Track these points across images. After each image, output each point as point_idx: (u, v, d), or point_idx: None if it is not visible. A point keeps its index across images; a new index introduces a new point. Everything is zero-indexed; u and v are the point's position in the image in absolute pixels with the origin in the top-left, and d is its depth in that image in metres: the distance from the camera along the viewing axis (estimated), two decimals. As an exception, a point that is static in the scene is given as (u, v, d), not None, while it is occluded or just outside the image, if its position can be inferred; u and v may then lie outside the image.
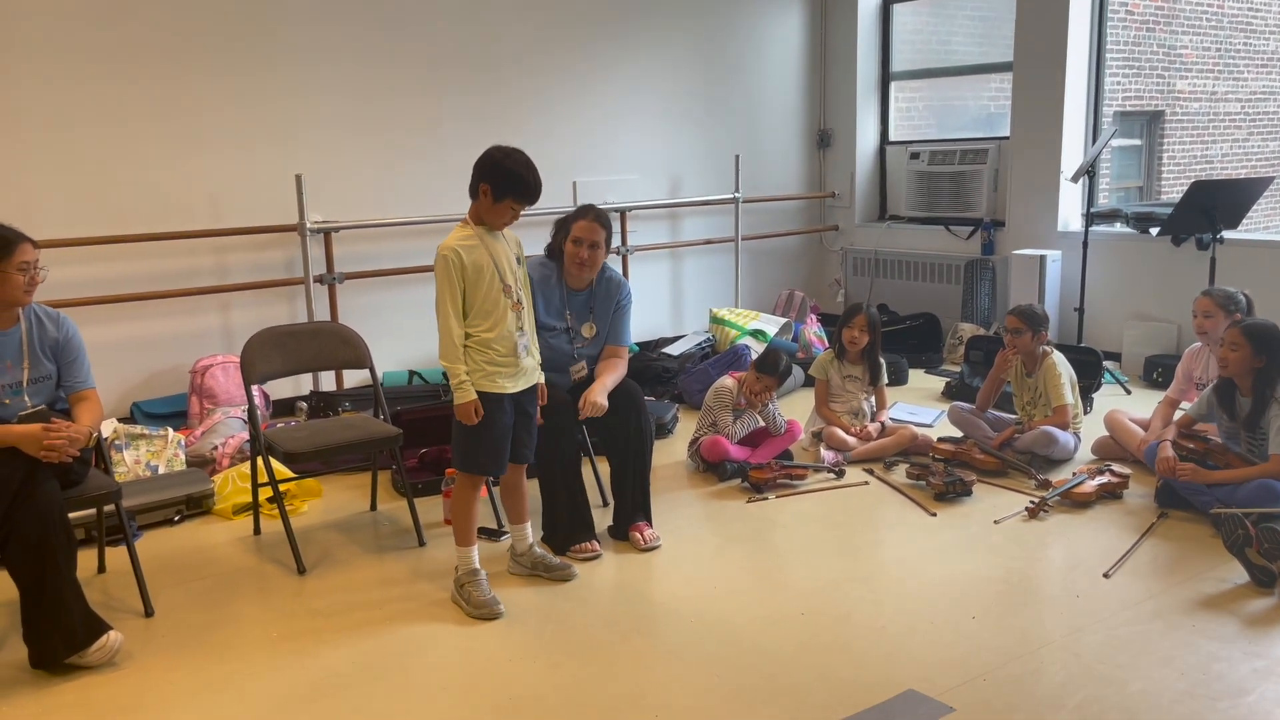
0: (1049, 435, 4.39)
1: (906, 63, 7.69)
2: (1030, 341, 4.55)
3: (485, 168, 3.13)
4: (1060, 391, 4.48)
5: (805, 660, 2.90)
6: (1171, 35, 10.91)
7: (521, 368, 3.26)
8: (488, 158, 3.14)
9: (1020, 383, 4.67)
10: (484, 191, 3.12)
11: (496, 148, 3.16)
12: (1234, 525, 3.32)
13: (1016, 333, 4.56)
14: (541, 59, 6.20)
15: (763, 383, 4.51)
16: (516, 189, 3.12)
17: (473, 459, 3.26)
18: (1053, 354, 4.59)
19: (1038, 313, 4.59)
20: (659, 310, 6.94)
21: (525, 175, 3.11)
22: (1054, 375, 4.51)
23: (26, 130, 4.71)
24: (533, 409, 3.38)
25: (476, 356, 3.17)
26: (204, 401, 4.97)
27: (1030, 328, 4.54)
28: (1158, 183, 11.07)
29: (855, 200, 7.64)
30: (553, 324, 3.79)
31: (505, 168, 3.10)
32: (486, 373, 3.18)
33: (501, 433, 3.24)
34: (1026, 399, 4.64)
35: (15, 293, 3.00)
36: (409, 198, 5.75)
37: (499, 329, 3.17)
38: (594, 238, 3.70)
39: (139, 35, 4.92)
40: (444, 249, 3.13)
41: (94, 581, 3.52)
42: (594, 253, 3.72)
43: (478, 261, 3.13)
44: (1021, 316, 4.57)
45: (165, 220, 5.07)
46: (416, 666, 2.93)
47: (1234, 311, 4.35)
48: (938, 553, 3.62)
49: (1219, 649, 2.89)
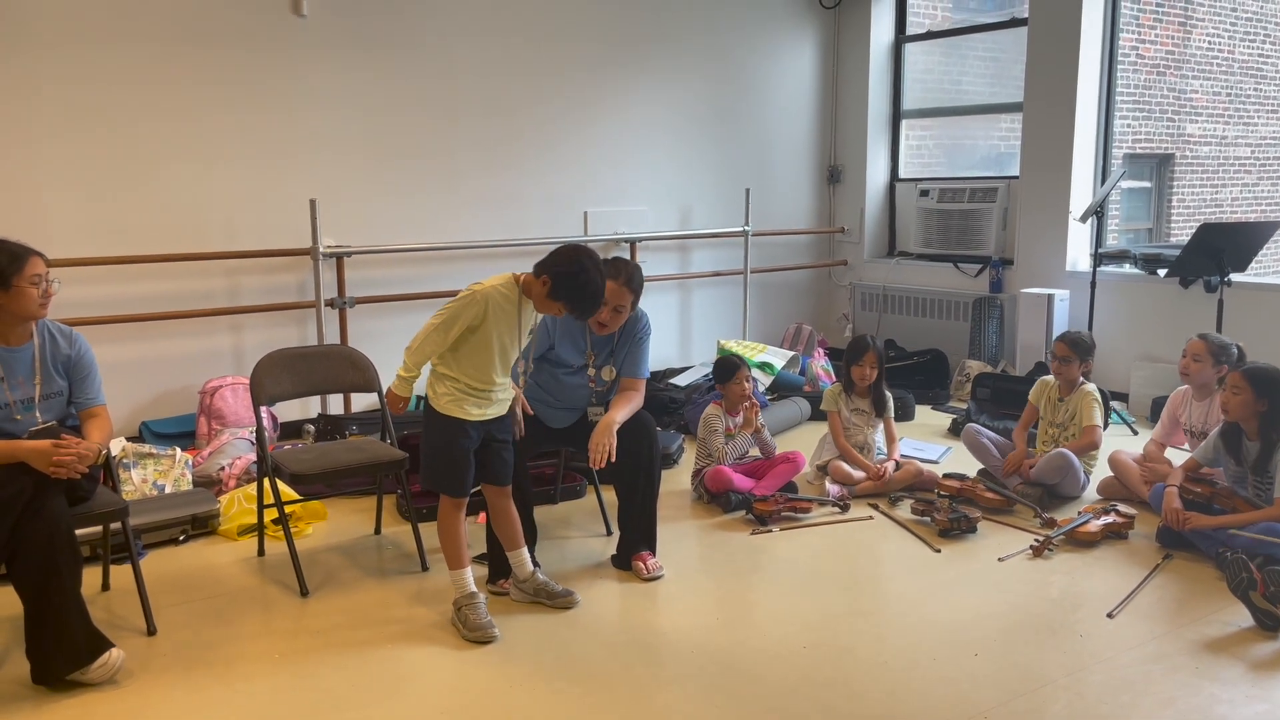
0: (1064, 458, 4.39)
1: (917, 101, 7.75)
2: (1075, 370, 4.59)
3: (560, 269, 3.07)
4: (1093, 412, 4.52)
5: (806, 694, 2.89)
6: (1182, 80, 10.99)
7: (493, 400, 3.28)
8: (569, 262, 3.07)
9: (1053, 407, 4.68)
10: (544, 282, 3.10)
11: (580, 251, 3.10)
12: (1239, 568, 3.31)
13: (1065, 360, 4.59)
14: (555, 89, 6.26)
15: (737, 380, 4.55)
16: (574, 302, 3.11)
17: (434, 478, 3.30)
18: (1090, 382, 4.64)
19: (1085, 341, 4.63)
20: (667, 341, 6.96)
21: (588, 298, 3.10)
22: (1089, 399, 4.56)
23: (44, 151, 4.77)
24: (505, 435, 3.38)
25: (450, 384, 3.20)
26: (212, 422, 4.99)
27: (1079, 355, 4.58)
28: (1167, 225, 11.10)
29: (864, 236, 7.68)
30: (572, 361, 3.75)
31: (577, 283, 3.07)
32: (456, 398, 3.20)
33: (460, 455, 3.25)
34: (1058, 422, 4.65)
35: (30, 306, 3.03)
36: (420, 224, 5.80)
37: (481, 378, 3.20)
38: (620, 301, 3.60)
39: (157, 59, 4.99)
40: (481, 291, 3.12)
41: (98, 599, 3.53)
42: (616, 316, 3.64)
43: (499, 325, 3.15)
44: (1071, 345, 4.60)
45: (179, 242, 5.13)
46: (416, 690, 2.92)
47: (1223, 362, 4.36)
48: (941, 589, 3.62)
49: (1221, 691, 2.88)
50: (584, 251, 3.12)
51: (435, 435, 3.26)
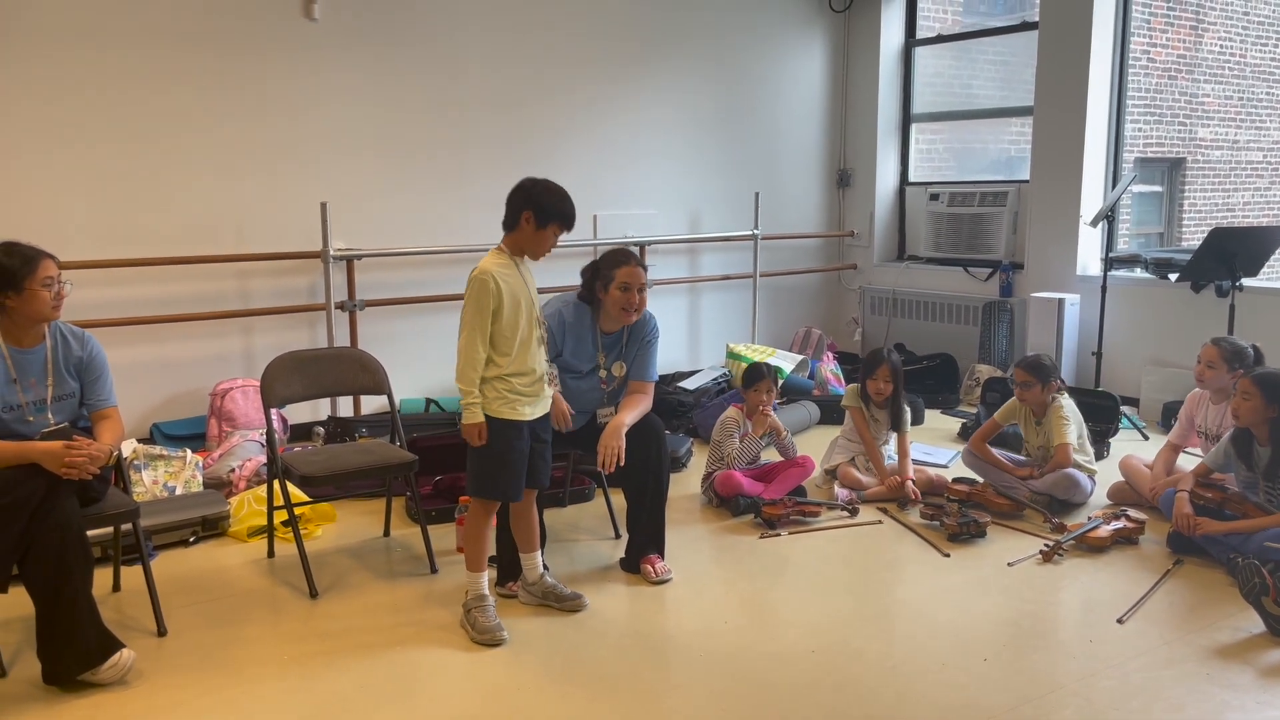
0: (1070, 478, 4.37)
1: (927, 105, 7.74)
2: (1040, 393, 4.54)
3: (526, 197, 3.17)
4: (1062, 430, 4.47)
5: (815, 698, 2.88)
6: (1194, 83, 10.95)
7: (542, 395, 3.29)
8: (528, 188, 3.18)
9: (1030, 429, 4.66)
10: (526, 219, 3.15)
11: (530, 179, 3.21)
12: (1251, 573, 3.30)
13: (1025, 386, 4.54)
14: (564, 93, 6.28)
15: (760, 388, 4.54)
16: (560, 215, 3.18)
17: (491, 485, 3.26)
18: (1061, 398, 4.57)
19: (1045, 364, 4.56)
20: (676, 344, 6.96)
21: (567, 201, 3.19)
22: (1058, 417, 4.50)
23: (56, 154, 4.80)
24: (546, 435, 3.39)
25: (499, 386, 3.18)
26: (223, 424, 5.01)
27: (1039, 379, 4.52)
28: (1178, 229, 11.06)
29: (874, 240, 7.67)
30: (581, 367, 3.76)
31: (548, 196, 3.16)
32: (508, 400, 3.19)
33: (520, 459, 3.26)
34: (1038, 444, 4.63)
35: (43, 308, 3.05)
36: (430, 227, 5.82)
37: (522, 360, 3.19)
38: (641, 281, 3.66)
39: (168, 63, 5.01)
40: (481, 273, 3.13)
41: (109, 600, 3.55)
42: (643, 296, 3.69)
43: (514, 290, 3.16)
44: (1029, 369, 4.54)
45: (191, 245, 5.15)
46: (424, 693, 2.93)
47: (1237, 367, 4.32)
48: (950, 593, 3.61)
49: (1232, 698, 2.87)
50: (527, 179, 3.21)
51: (491, 440, 3.21)
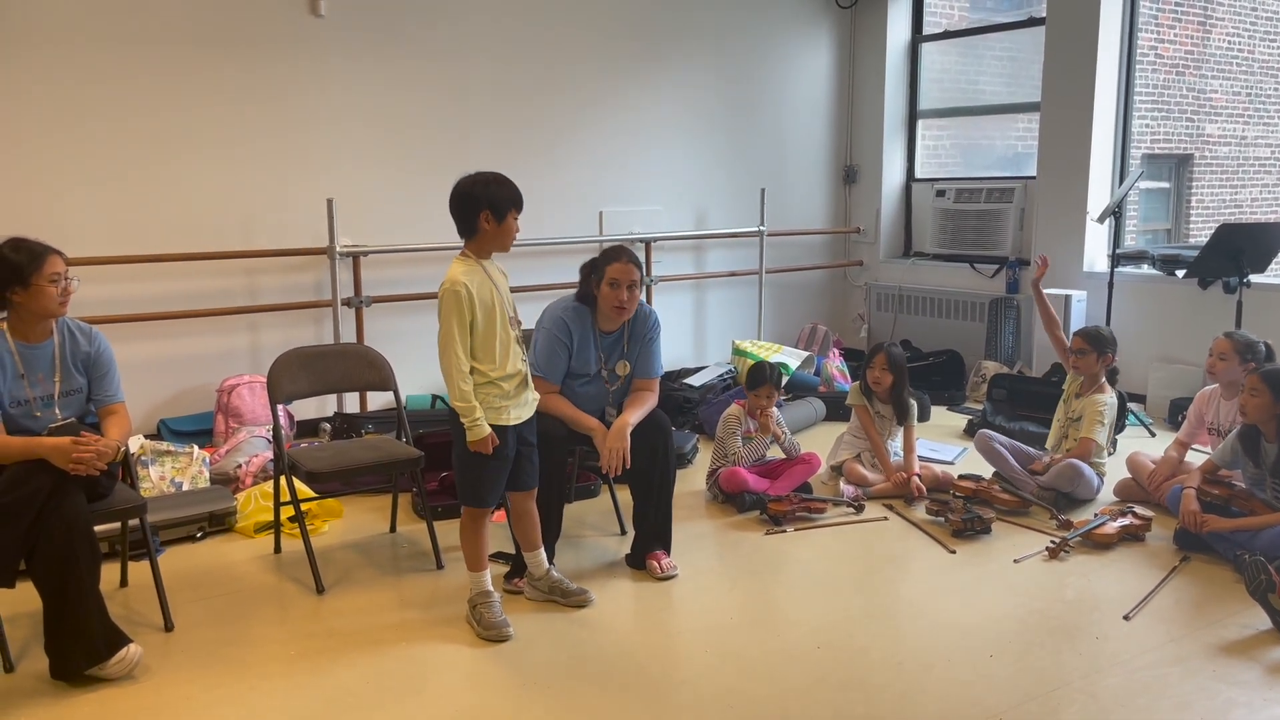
0: (1075, 469, 4.36)
1: (934, 101, 7.72)
2: (1095, 364, 4.52)
3: (475, 199, 3.12)
4: (1092, 424, 4.46)
5: (820, 695, 2.89)
6: (1201, 79, 10.91)
7: (526, 399, 3.29)
8: (471, 190, 3.12)
9: (1068, 401, 4.64)
10: (485, 220, 3.13)
11: (465, 181, 3.16)
12: (1257, 570, 3.29)
13: (1081, 353, 4.53)
14: (570, 90, 6.27)
15: (761, 393, 4.53)
16: (513, 200, 3.17)
17: (474, 492, 3.27)
18: (1109, 396, 4.54)
19: (1103, 335, 4.56)
20: (682, 341, 6.96)
21: (510, 184, 3.17)
22: (1094, 409, 4.49)
23: (64, 151, 4.81)
24: (532, 437, 3.38)
25: (489, 391, 3.18)
26: (230, 420, 5.02)
27: (1095, 349, 4.51)
28: (1185, 225, 11.03)
29: (880, 236, 7.66)
30: (584, 371, 3.76)
31: (495, 188, 3.13)
32: (495, 407, 3.19)
33: (504, 465, 3.26)
34: (1066, 420, 4.61)
35: (50, 304, 3.06)
36: (436, 223, 5.78)
37: (505, 364, 3.19)
38: (631, 278, 3.65)
39: (175, 59, 5.02)
40: (451, 283, 3.09)
41: (116, 595, 3.56)
42: (632, 293, 3.68)
43: (485, 296, 3.14)
44: (1087, 338, 4.54)
45: (198, 241, 5.16)
46: (431, 689, 2.94)
47: (1249, 360, 4.31)
48: (956, 590, 3.60)
49: (1239, 695, 2.86)
50: (460, 180, 3.17)
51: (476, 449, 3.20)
